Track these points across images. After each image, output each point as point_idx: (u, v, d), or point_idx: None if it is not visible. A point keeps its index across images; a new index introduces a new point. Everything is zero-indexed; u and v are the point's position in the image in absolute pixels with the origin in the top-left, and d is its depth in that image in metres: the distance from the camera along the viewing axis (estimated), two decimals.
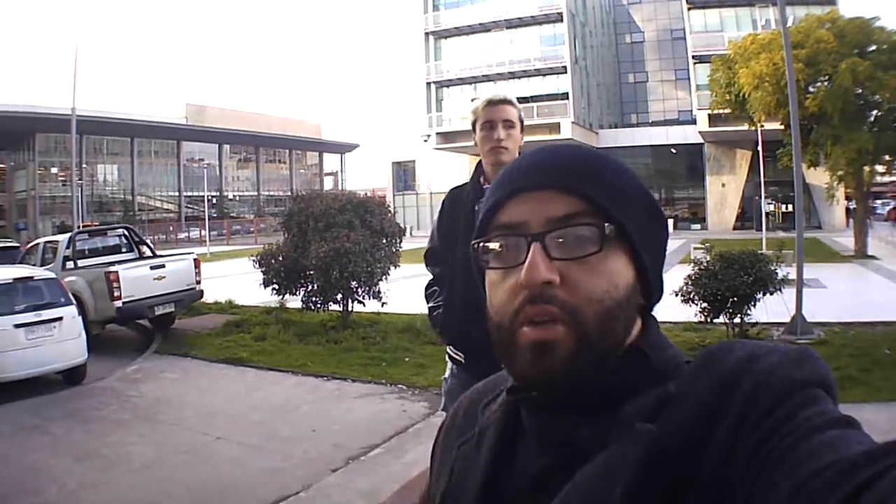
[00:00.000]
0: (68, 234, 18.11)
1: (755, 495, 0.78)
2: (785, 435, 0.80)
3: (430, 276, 4.49)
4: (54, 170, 75.79)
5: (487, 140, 3.99)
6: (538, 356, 1.00)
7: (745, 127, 37.91)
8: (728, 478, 0.82)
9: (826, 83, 30.21)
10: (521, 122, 4.05)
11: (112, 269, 15.34)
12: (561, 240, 1.02)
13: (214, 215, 77.25)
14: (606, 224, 1.02)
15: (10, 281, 12.21)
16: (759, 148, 37.44)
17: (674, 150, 57.31)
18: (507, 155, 3.95)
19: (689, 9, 56.10)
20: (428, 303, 4.41)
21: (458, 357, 4.17)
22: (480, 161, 4.16)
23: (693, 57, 54.89)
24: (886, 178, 52.81)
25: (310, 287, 15.61)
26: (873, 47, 30.42)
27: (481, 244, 1.11)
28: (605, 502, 0.87)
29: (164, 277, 16.18)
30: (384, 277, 15.58)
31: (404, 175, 71.15)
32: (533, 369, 1.01)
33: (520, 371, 1.05)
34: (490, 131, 3.98)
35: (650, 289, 1.10)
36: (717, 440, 0.85)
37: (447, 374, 4.35)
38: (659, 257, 1.13)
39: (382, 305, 15.54)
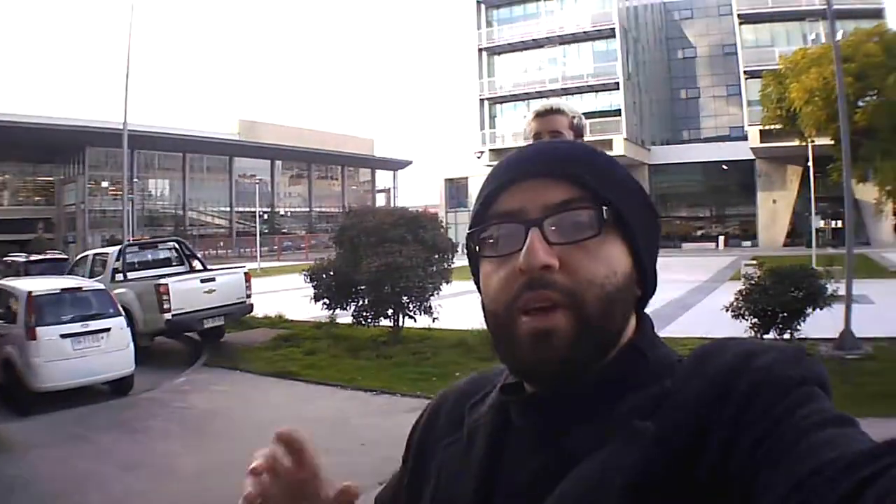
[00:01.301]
0: (118, 247, 18.31)
1: (754, 493, 0.77)
2: (783, 432, 0.79)
3: None
4: (105, 184, 76.53)
5: None
6: (538, 344, 0.99)
7: (796, 143, 37.87)
8: (726, 475, 0.81)
9: (875, 97, 30.17)
10: (576, 129, 3.90)
11: (162, 281, 15.47)
12: (559, 225, 1.02)
13: (266, 231, 77.80)
14: (605, 207, 1.02)
15: (58, 291, 12.37)
16: (810, 163, 37.01)
17: (725, 167, 57.02)
18: None
19: (740, 24, 56.28)
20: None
21: None
22: None
23: (745, 72, 54.77)
24: None
25: (361, 302, 15.65)
26: None
27: (477, 234, 1.10)
28: (604, 500, 0.86)
29: (213, 291, 16.30)
30: (436, 293, 15.57)
31: (457, 192, 71.11)
32: (533, 357, 1.00)
33: (519, 360, 1.04)
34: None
35: (646, 279, 1.10)
36: (714, 438, 0.84)
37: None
38: (653, 248, 1.13)
39: (434, 321, 15.51)
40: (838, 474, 0.70)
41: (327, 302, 16.06)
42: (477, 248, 1.10)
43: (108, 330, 12.09)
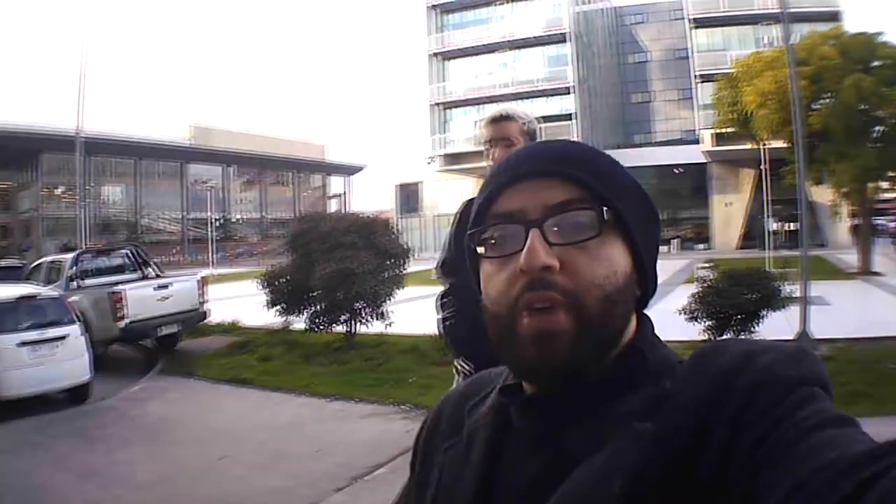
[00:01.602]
0: (73, 254, 18.20)
1: (754, 493, 0.78)
2: (783, 433, 0.80)
3: (443, 288, 4.44)
4: (59, 190, 75.72)
5: (488, 159, 3.97)
6: (540, 344, 1.00)
7: (750, 146, 38.01)
8: (726, 476, 0.82)
9: (830, 100, 30.21)
10: (528, 134, 4.00)
11: (117, 288, 15.40)
12: (559, 226, 1.03)
13: (219, 237, 77.36)
14: (605, 208, 1.03)
15: (14, 299, 12.25)
16: (764, 166, 37.15)
17: (678, 170, 57.23)
18: None
19: (693, 28, 56.72)
20: (440, 313, 4.39)
21: (467, 369, 4.13)
22: None
23: (697, 76, 55.37)
24: (891, 195, 52.88)
25: (315, 308, 15.60)
26: (878, 63, 30.43)
27: (477, 235, 1.11)
28: (604, 502, 0.87)
29: (168, 297, 16.24)
30: (389, 299, 15.61)
31: (409, 197, 71.06)
32: (534, 357, 1.01)
33: (520, 361, 1.05)
34: (490, 150, 3.99)
35: (646, 280, 1.11)
36: (714, 439, 0.84)
37: (454, 386, 4.25)
38: (653, 248, 1.13)
39: (387, 327, 15.56)
40: (839, 475, 0.71)
41: (281, 308, 16.02)
42: (477, 248, 1.11)
43: (64, 338, 12.02)
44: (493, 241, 1.08)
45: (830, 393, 0.88)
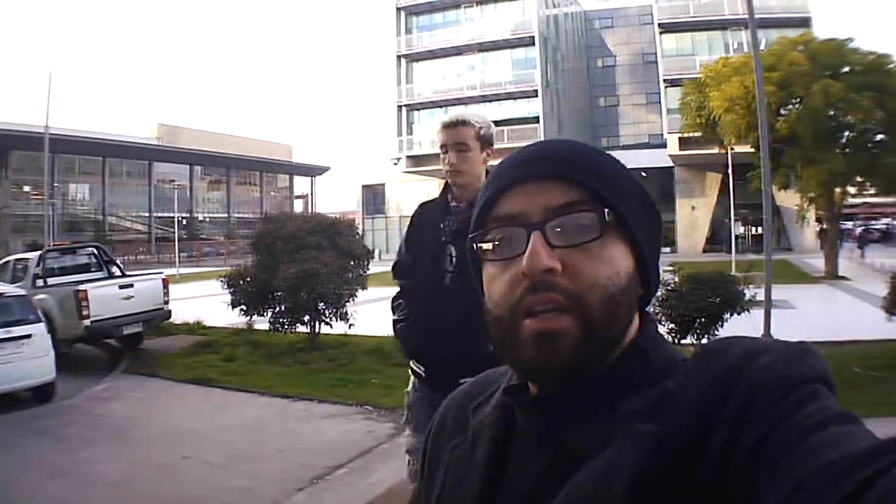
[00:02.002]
0: (39, 252, 18.09)
1: (755, 493, 0.78)
2: (785, 432, 0.80)
3: (398, 290, 4.51)
4: (27, 188, 74.93)
5: (443, 163, 4.03)
6: (542, 345, 1.01)
7: (716, 150, 38.21)
8: (727, 476, 0.82)
9: (798, 105, 30.48)
10: (484, 140, 4.04)
11: (81, 287, 15.36)
12: (561, 228, 1.03)
13: (185, 237, 76.91)
14: (606, 210, 1.04)
15: None
16: (730, 171, 37.49)
17: (644, 174, 57.21)
18: (460, 178, 4.00)
19: (661, 33, 56.72)
20: (393, 315, 4.44)
21: (419, 370, 4.22)
22: None
23: (665, 81, 55.17)
24: (858, 200, 53.17)
25: (278, 308, 15.53)
26: (847, 69, 30.72)
27: (479, 238, 1.12)
28: (607, 502, 0.88)
29: (132, 297, 16.20)
30: (352, 299, 15.55)
31: (374, 198, 71.11)
32: (537, 359, 1.02)
33: (523, 362, 1.05)
34: (445, 154, 4.02)
35: (648, 278, 1.12)
36: (716, 439, 0.85)
37: (410, 387, 4.39)
38: (655, 247, 1.15)
39: (350, 327, 15.48)
40: (839, 474, 0.71)
41: (245, 308, 15.93)
42: (479, 251, 1.11)
43: (29, 336, 11.95)
44: (495, 244, 1.09)
45: (834, 390, 0.88)
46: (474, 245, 1.12)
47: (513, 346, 1.04)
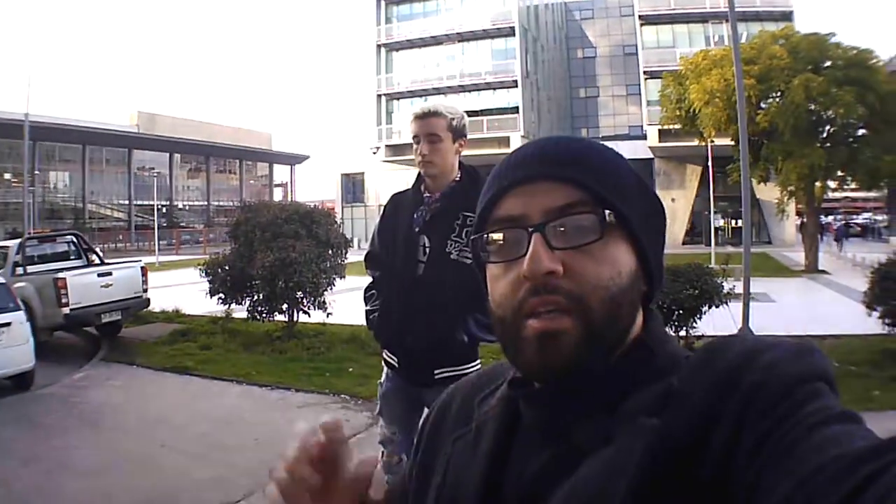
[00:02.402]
0: (18, 240, 18.10)
1: (758, 491, 0.78)
2: (787, 430, 0.80)
3: (371, 280, 4.60)
4: (7, 175, 74.63)
5: (416, 154, 4.10)
6: (545, 346, 1.01)
7: (696, 142, 38.24)
8: (729, 474, 0.83)
9: (778, 99, 30.58)
10: (456, 131, 4.08)
11: (60, 275, 15.35)
12: (561, 229, 1.03)
13: (164, 225, 76.81)
14: (606, 211, 1.04)
15: None
16: (710, 163, 37.41)
17: None
18: (432, 168, 4.07)
19: (641, 25, 56.77)
20: (366, 305, 4.52)
21: (391, 361, 4.29)
22: None
23: (645, 72, 55.46)
24: (839, 194, 53.35)
25: (255, 297, 15.52)
26: (828, 63, 30.83)
27: (481, 238, 1.12)
28: (610, 497, 0.87)
29: (111, 285, 16.20)
30: (329, 288, 15.57)
31: (353, 187, 71.09)
32: (540, 359, 1.02)
33: (526, 362, 1.05)
34: (417, 145, 4.08)
35: (652, 274, 1.11)
36: (719, 436, 0.85)
37: (382, 377, 4.46)
38: (658, 242, 1.14)
39: (328, 316, 15.47)
40: (841, 472, 0.71)
41: (222, 297, 15.91)
42: (482, 252, 1.12)
43: (8, 324, 11.96)
44: (497, 245, 1.10)
45: (835, 388, 0.88)
46: (476, 246, 1.14)
47: (516, 346, 1.05)
